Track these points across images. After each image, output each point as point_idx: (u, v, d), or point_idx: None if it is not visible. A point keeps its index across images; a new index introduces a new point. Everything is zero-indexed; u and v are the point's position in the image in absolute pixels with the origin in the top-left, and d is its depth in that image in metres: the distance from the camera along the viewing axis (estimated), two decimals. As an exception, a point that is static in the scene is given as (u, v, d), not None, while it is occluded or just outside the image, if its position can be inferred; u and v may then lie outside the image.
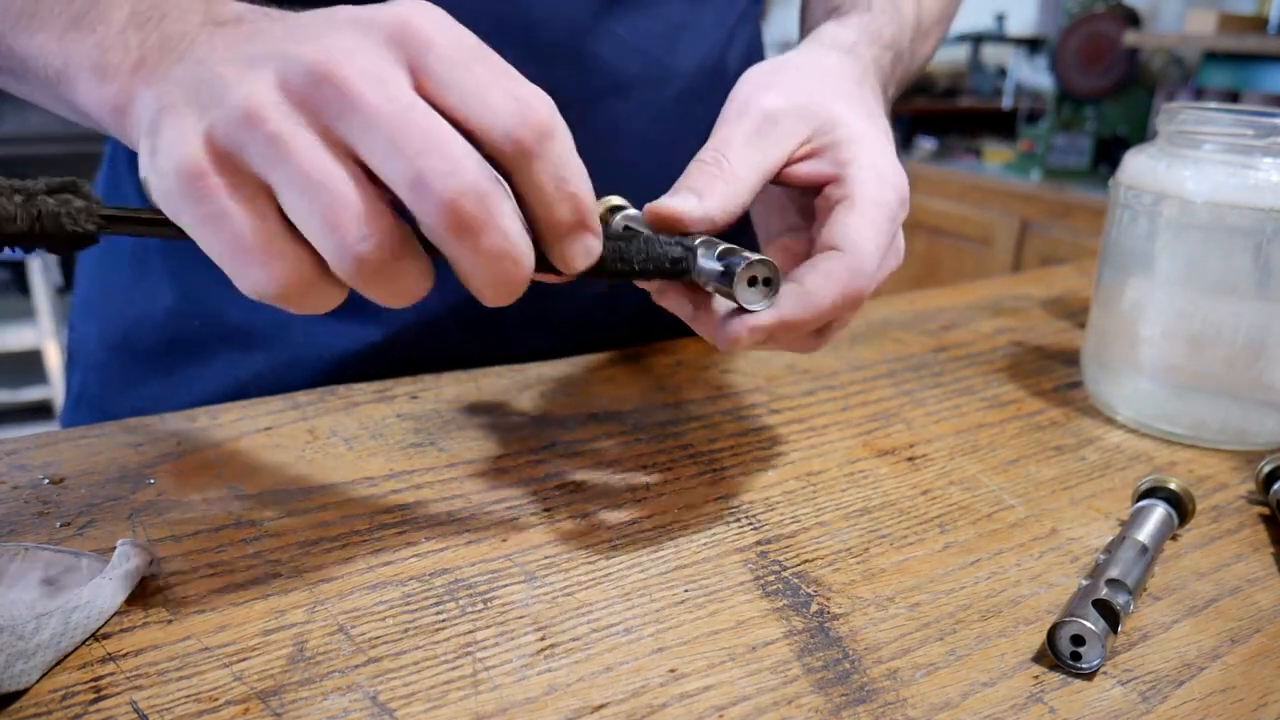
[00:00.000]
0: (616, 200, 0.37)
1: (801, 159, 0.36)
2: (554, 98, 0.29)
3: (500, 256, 0.26)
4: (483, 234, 0.25)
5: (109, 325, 0.54)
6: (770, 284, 0.31)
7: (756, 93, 0.36)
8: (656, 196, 0.34)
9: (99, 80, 0.29)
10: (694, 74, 0.53)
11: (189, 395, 0.51)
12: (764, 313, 0.31)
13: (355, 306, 0.50)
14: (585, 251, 0.29)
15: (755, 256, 0.31)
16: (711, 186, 0.33)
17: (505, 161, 0.26)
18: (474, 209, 0.25)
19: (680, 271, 0.32)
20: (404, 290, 0.27)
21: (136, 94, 0.28)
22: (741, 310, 0.32)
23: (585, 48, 0.49)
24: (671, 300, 0.34)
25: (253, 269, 0.26)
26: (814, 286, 0.32)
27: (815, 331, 0.35)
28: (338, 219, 0.24)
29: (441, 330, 0.52)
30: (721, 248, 0.31)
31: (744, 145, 0.34)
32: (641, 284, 0.34)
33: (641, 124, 0.52)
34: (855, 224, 0.33)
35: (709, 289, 0.32)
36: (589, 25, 0.49)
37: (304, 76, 0.25)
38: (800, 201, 0.38)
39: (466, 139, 0.25)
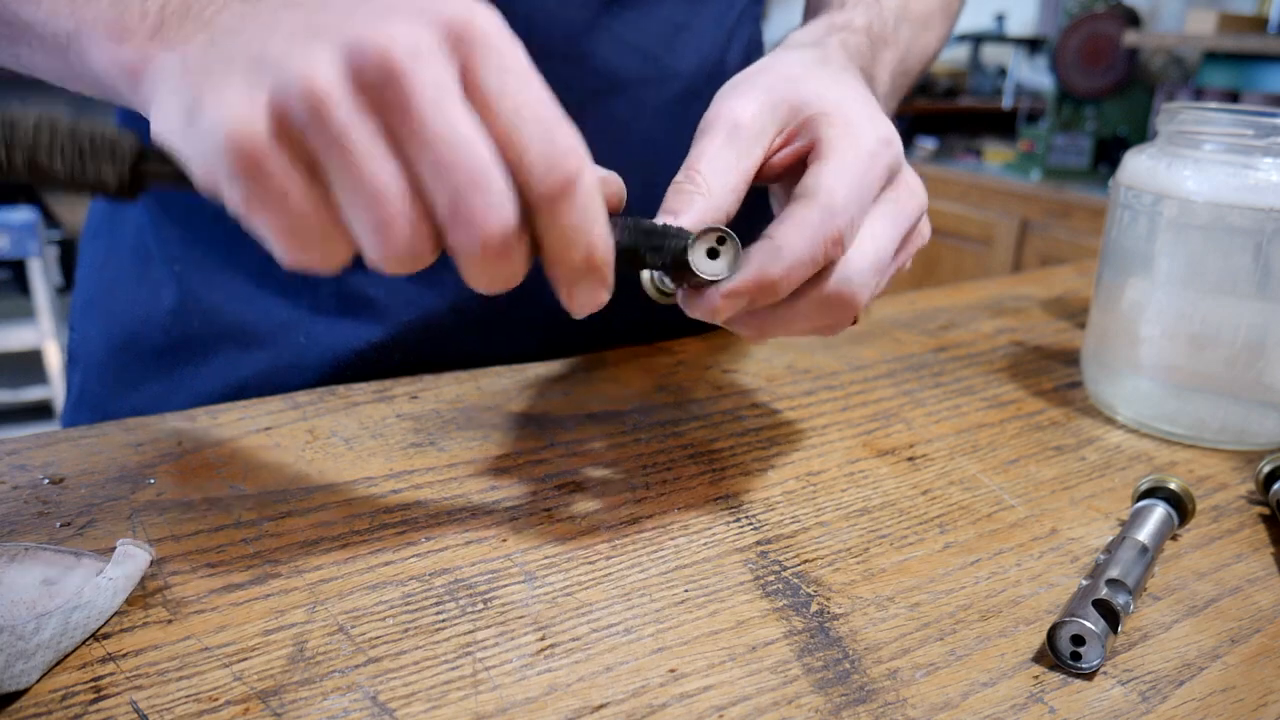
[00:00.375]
0: None
1: (779, 149, 0.35)
2: (557, 97, 0.29)
3: (507, 278, 0.27)
4: (501, 264, 0.27)
5: (111, 325, 0.54)
6: (725, 243, 0.31)
7: (722, 103, 0.35)
8: (656, 197, 0.34)
9: (115, 42, 0.29)
10: (693, 74, 0.53)
11: (190, 394, 0.51)
12: (737, 275, 0.31)
13: (357, 305, 0.51)
14: (592, 299, 0.29)
15: (699, 232, 0.31)
16: (689, 204, 0.33)
17: (530, 197, 0.26)
18: (501, 248, 0.26)
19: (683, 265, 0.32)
20: (416, 272, 0.27)
21: (156, 56, 0.28)
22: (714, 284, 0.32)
23: (584, 47, 0.49)
24: (698, 308, 0.34)
25: (295, 251, 0.26)
26: (783, 238, 0.31)
27: (834, 313, 0.34)
28: (388, 229, 0.25)
29: (443, 330, 0.52)
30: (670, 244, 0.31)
31: (715, 158, 0.34)
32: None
33: (641, 124, 0.52)
34: (822, 170, 0.33)
35: (686, 285, 0.32)
36: (588, 24, 0.49)
37: (373, 69, 0.24)
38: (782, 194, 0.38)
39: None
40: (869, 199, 0.34)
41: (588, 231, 0.27)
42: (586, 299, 0.29)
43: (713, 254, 0.31)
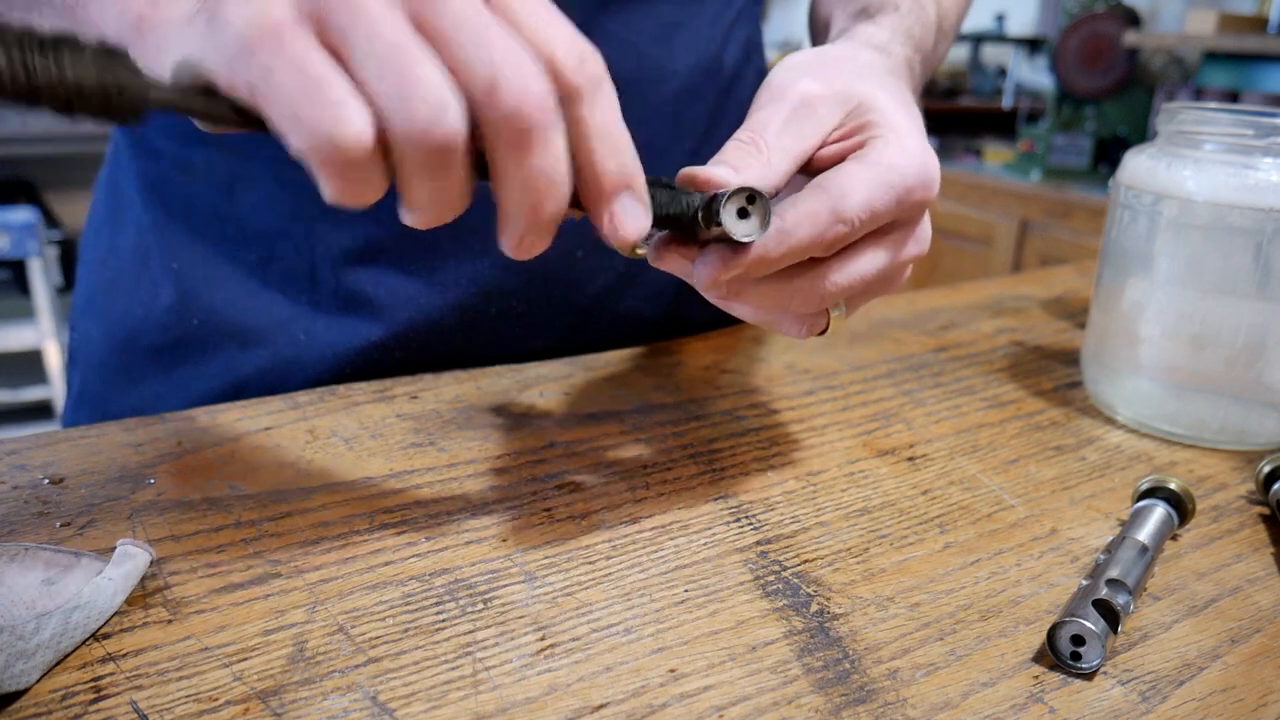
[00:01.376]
0: None
1: (834, 143, 0.35)
2: None
3: (547, 179, 0.26)
4: (537, 151, 0.26)
5: (111, 323, 0.54)
6: (755, 203, 0.30)
7: (794, 79, 0.35)
8: None
9: None
10: (689, 73, 0.53)
11: (189, 393, 0.52)
12: (743, 251, 0.31)
13: (358, 304, 0.51)
14: (634, 220, 0.29)
15: (737, 186, 0.30)
16: (747, 164, 0.32)
17: (563, 100, 0.26)
18: (538, 122, 0.25)
19: (694, 220, 0.31)
20: (446, 194, 0.26)
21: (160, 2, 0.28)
22: (726, 245, 0.31)
23: None
24: (671, 262, 0.34)
25: (316, 118, 0.24)
26: (793, 224, 0.31)
27: (806, 304, 0.34)
28: (414, 91, 0.24)
29: (443, 329, 0.52)
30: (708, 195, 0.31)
31: (781, 128, 0.34)
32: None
33: (636, 123, 0.51)
34: (851, 171, 0.33)
35: (710, 235, 0.32)
36: (584, 23, 0.49)
37: None
38: None
39: None
40: (882, 218, 0.33)
41: (619, 134, 0.27)
42: (629, 219, 0.29)
43: (742, 214, 0.30)
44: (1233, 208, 0.43)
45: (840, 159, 0.35)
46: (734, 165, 0.32)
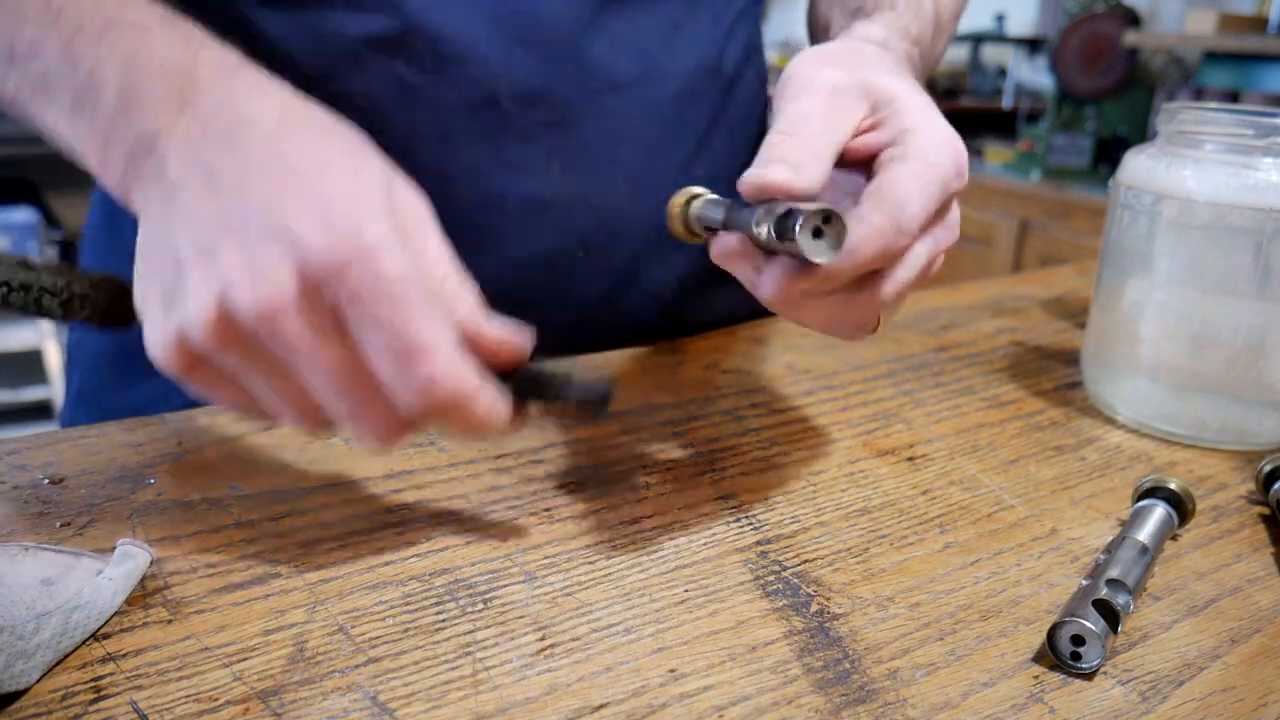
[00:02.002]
0: (694, 190, 0.36)
1: (862, 132, 0.35)
2: (556, 96, 0.29)
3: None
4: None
5: None
6: (831, 223, 0.30)
7: (817, 71, 0.35)
8: (652, 194, 0.34)
9: (102, 171, 0.33)
10: (690, 73, 0.53)
11: (188, 391, 0.51)
12: (815, 270, 0.31)
13: None
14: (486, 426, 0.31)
15: (813, 207, 0.30)
16: (799, 159, 0.32)
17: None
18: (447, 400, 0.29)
19: (765, 235, 0.31)
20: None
21: (132, 194, 0.31)
22: (793, 260, 0.31)
23: (584, 46, 0.49)
24: (736, 268, 0.34)
25: (269, 421, 0.31)
26: (860, 240, 0.31)
27: (864, 314, 0.34)
28: (363, 418, 0.30)
29: None
30: (782, 209, 0.31)
31: (821, 117, 0.34)
32: (710, 241, 0.34)
33: (638, 122, 0.52)
34: (903, 177, 0.33)
35: (780, 251, 0.31)
36: (588, 23, 0.49)
37: (327, 273, 0.28)
38: (845, 184, 0.38)
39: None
40: (930, 219, 0.34)
41: (482, 419, 0.30)
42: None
43: (816, 233, 0.30)
44: (1233, 208, 0.43)
45: (870, 152, 0.35)
46: (790, 162, 0.32)
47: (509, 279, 0.52)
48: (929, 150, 0.33)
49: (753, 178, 0.32)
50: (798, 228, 0.29)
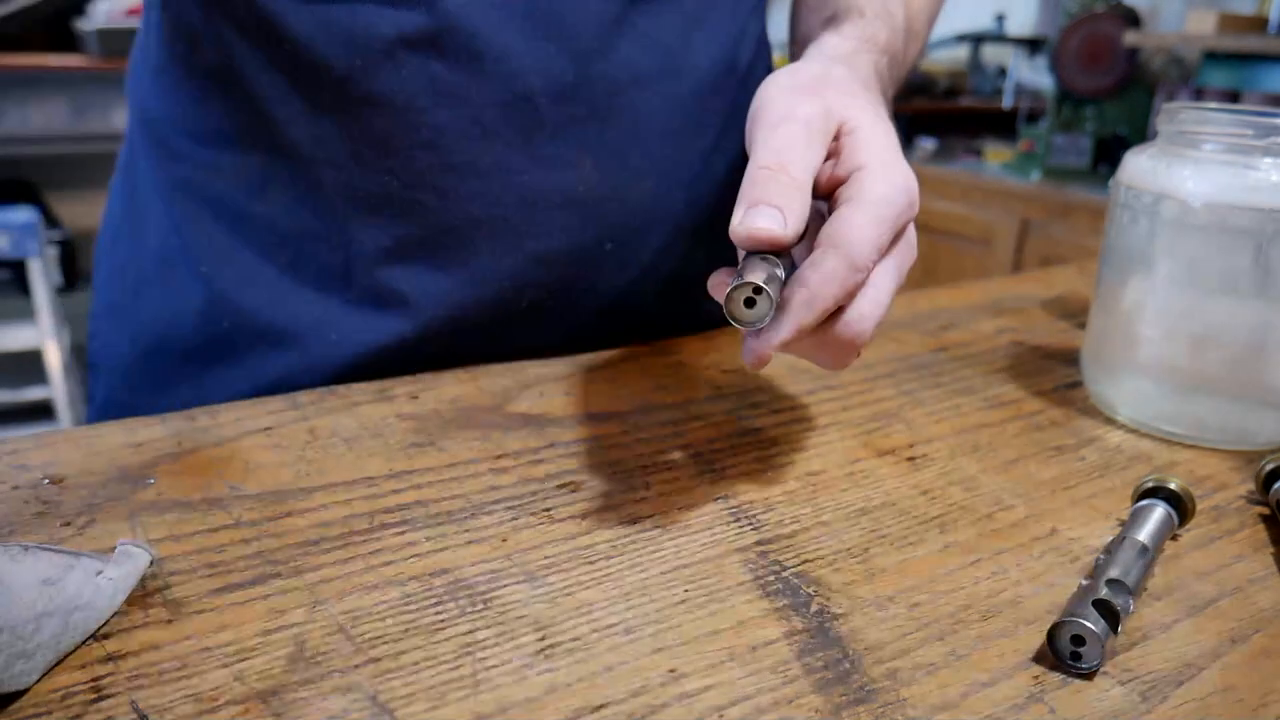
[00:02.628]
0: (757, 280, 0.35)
1: (825, 159, 0.37)
2: (586, 92, 0.30)
3: None
4: None
5: (137, 329, 0.54)
6: (760, 294, 0.32)
7: (792, 101, 0.37)
8: (676, 188, 0.35)
9: None
10: (709, 69, 0.53)
11: (222, 397, 0.51)
12: (783, 327, 0.33)
13: (391, 300, 0.51)
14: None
15: (736, 283, 0.32)
16: (789, 201, 0.34)
17: None
18: None
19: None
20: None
21: None
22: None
23: (611, 44, 0.49)
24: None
25: None
26: (817, 289, 0.33)
27: (842, 349, 0.36)
28: None
29: (475, 324, 0.52)
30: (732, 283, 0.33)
31: (802, 151, 0.35)
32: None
33: (661, 117, 0.52)
34: (854, 220, 0.35)
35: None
36: (615, 20, 0.49)
37: None
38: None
39: None
40: (884, 250, 0.36)
41: None
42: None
43: (749, 303, 0.33)
44: (1233, 208, 0.43)
45: (830, 185, 0.37)
46: (778, 206, 0.33)
47: (539, 273, 0.52)
48: (879, 189, 0.36)
49: (743, 230, 0.33)
50: (726, 304, 0.33)
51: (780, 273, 0.33)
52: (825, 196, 0.38)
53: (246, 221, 0.51)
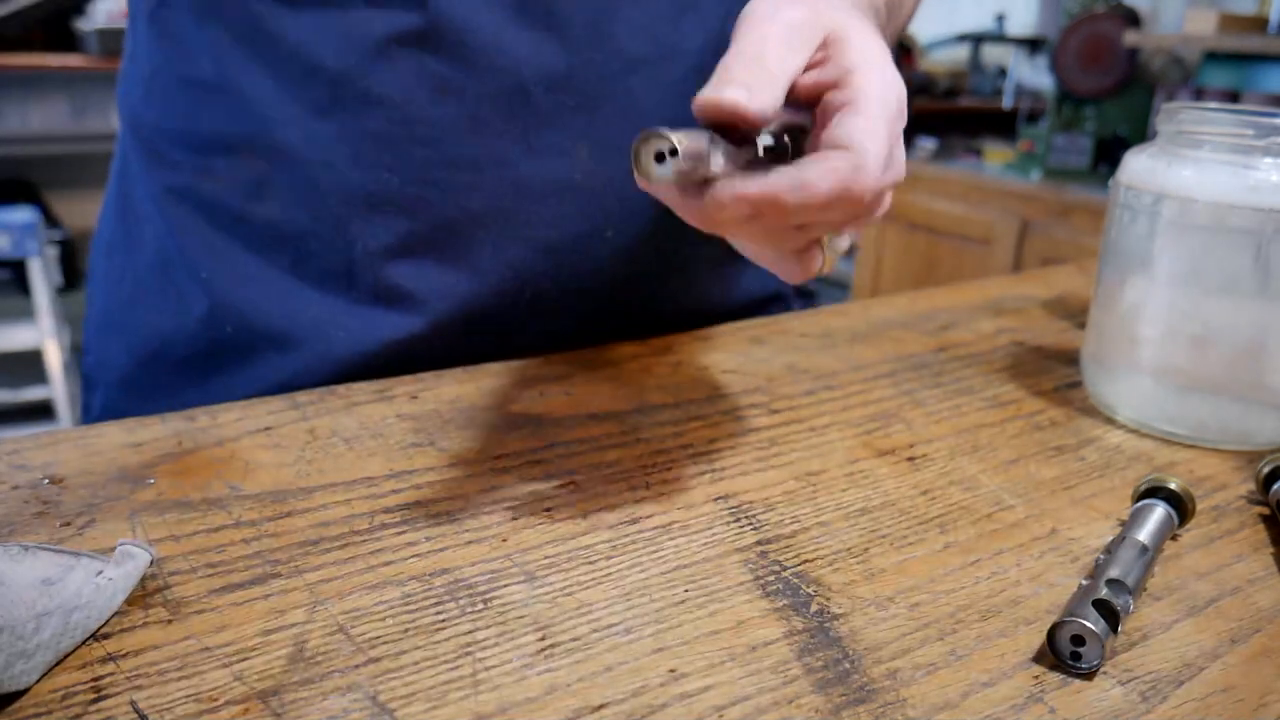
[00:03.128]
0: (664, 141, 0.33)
1: (811, 68, 0.35)
2: (579, 80, 0.29)
3: None
4: None
5: (135, 339, 0.54)
6: (675, 155, 0.30)
7: (776, 7, 0.35)
8: None
9: None
10: (700, 52, 0.54)
11: (228, 400, 0.51)
12: (752, 183, 0.31)
13: (396, 298, 0.51)
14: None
15: (651, 131, 0.30)
16: (759, 82, 0.32)
17: None
18: None
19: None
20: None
21: None
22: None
23: (605, 29, 0.49)
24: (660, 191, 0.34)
25: None
26: (813, 176, 0.31)
27: (800, 247, 0.34)
28: None
29: (482, 318, 0.52)
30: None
31: (777, 45, 0.33)
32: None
33: (652, 102, 0.52)
34: (861, 125, 0.32)
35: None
36: (606, 6, 0.49)
37: None
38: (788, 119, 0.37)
39: None
40: (888, 163, 0.33)
41: None
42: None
43: (659, 158, 0.30)
44: (1233, 208, 0.43)
45: (814, 89, 0.35)
46: (745, 84, 0.32)
47: (540, 262, 0.52)
48: (876, 89, 0.33)
49: (706, 96, 0.31)
50: (633, 151, 0.30)
51: (720, 153, 0.31)
52: (810, 105, 0.35)
53: (245, 225, 0.51)
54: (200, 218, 0.52)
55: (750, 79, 0.32)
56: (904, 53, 3.15)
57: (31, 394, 2.25)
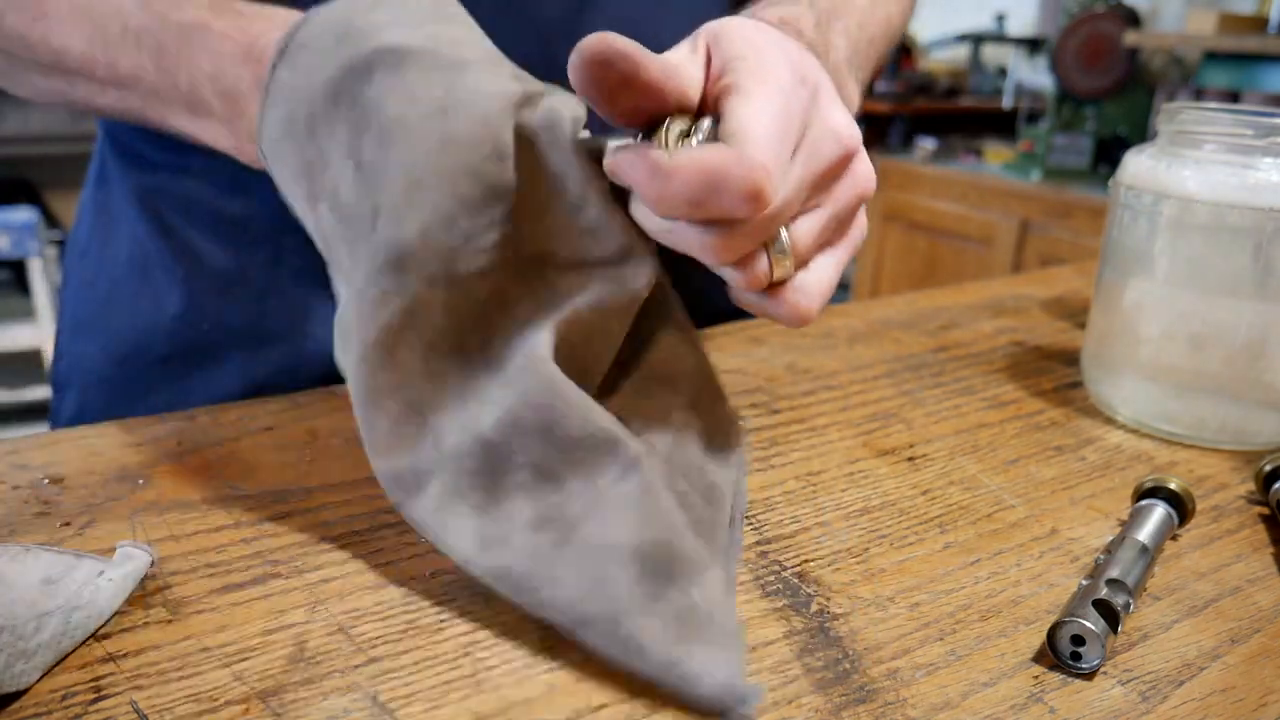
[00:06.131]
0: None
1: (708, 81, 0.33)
2: (554, 75, 0.29)
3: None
4: None
5: (111, 340, 0.54)
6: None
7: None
8: None
9: (240, 155, 0.39)
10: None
11: (203, 399, 0.51)
12: (624, 151, 0.30)
13: None
14: None
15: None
16: (689, 70, 0.32)
17: None
18: None
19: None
20: None
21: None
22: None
23: (580, 26, 0.49)
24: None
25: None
26: (681, 161, 0.29)
27: (737, 253, 0.32)
28: None
29: None
30: None
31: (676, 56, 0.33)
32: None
33: None
34: (741, 106, 0.31)
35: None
36: (584, 1, 0.49)
37: None
38: None
39: None
40: (788, 139, 0.31)
41: None
42: None
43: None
44: (1233, 208, 0.43)
45: (710, 92, 0.33)
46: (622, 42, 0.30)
47: None
48: (755, 66, 0.32)
49: (589, 46, 0.29)
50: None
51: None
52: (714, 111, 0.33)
53: (221, 223, 0.51)
54: (177, 216, 0.52)
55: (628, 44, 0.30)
56: (904, 53, 3.15)
57: (31, 394, 2.25)
